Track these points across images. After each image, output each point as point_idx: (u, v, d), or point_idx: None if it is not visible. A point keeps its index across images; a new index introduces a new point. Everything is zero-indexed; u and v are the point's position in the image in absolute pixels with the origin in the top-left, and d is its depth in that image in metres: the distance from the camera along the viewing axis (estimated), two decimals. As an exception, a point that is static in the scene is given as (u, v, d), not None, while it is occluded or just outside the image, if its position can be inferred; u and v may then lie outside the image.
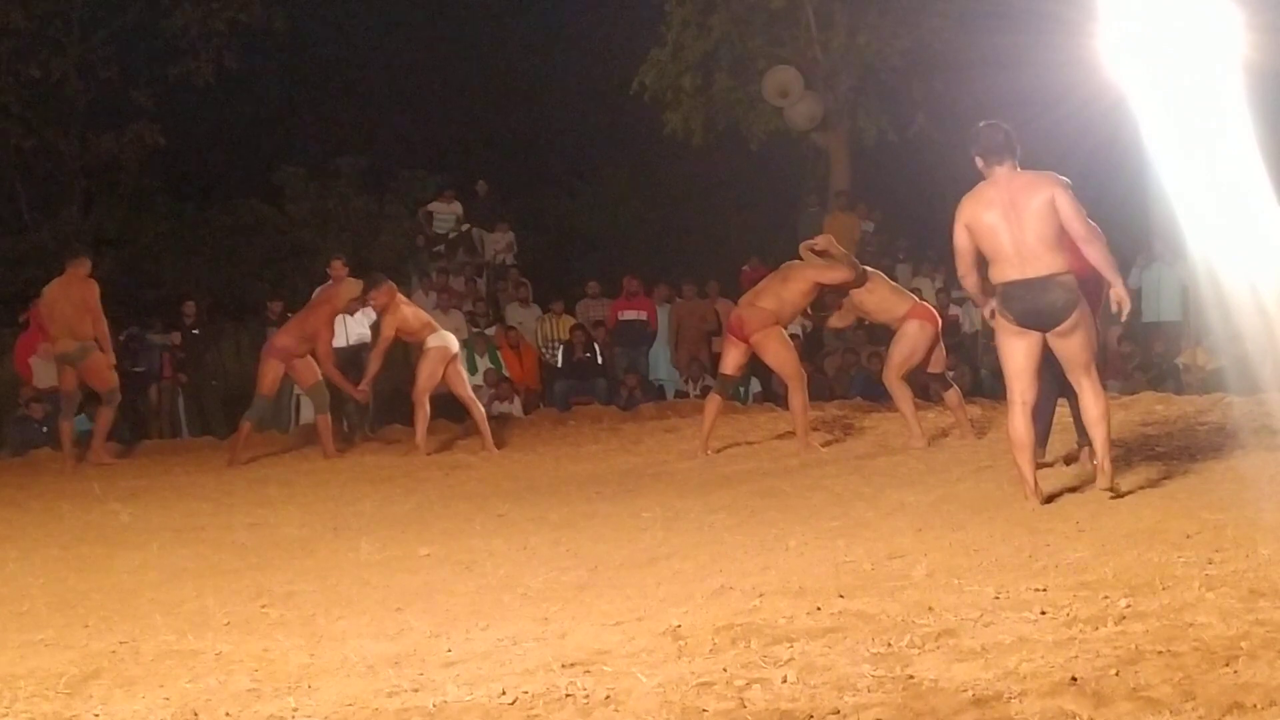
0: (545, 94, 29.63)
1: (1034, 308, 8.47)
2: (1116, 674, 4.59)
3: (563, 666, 5.19)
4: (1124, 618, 5.32)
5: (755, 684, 4.79)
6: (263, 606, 6.95)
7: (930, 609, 5.68)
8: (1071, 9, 16.48)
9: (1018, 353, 8.64)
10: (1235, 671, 4.55)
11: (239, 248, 25.16)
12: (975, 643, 5.11)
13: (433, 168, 26.03)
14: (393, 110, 30.11)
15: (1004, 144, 8.71)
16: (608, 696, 4.78)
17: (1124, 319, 9.39)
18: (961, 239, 8.72)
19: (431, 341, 14.86)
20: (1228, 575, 5.97)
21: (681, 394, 20.15)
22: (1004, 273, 8.53)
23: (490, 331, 20.54)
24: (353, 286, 15.40)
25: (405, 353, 16.72)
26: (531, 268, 23.68)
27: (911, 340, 12.92)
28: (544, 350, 20.83)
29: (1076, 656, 4.81)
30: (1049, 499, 8.69)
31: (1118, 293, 8.85)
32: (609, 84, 23.92)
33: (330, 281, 16.70)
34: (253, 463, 14.66)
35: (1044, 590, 5.91)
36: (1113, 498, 8.39)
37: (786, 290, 13.08)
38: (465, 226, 24.18)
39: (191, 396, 19.45)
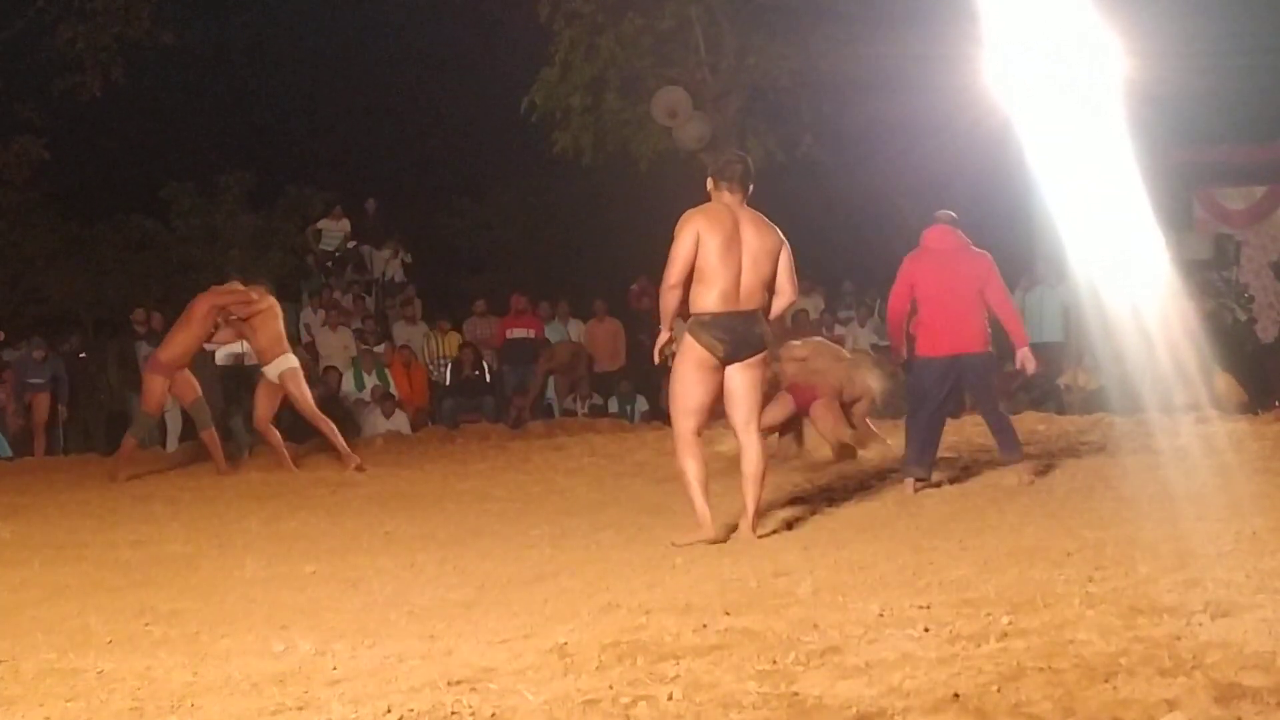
0: (434, 112, 29.57)
1: (742, 337, 8.50)
2: (998, 690, 4.62)
3: (449, 684, 5.16)
4: (1006, 635, 5.36)
5: (641, 701, 4.79)
6: (146, 624, 6.86)
7: (815, 626, 5.70)
8: (957, 34, 16.68)
9: (713, 386, 8.56)
10: (1115, 688, 4.59)
11: (125, 263, 24.89)
12: (859, 660, 5.13)
13: (321, 185, 25.87)
14: (281, 126, 29.94)
15: None
16: (493, 714, 4.76)
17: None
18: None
19: (285, 363, 14.81)
20: (1108, 593, 6.03)
21: (569, 412, 20.19)
22: (723, 304, 8.48)
23: (379, 349, 20.48)
24: (232, 285, 15.31)
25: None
26: (419, 285, 23.64)
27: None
28: (431, 368, 20.79)
29: (959, 673, 4.84)
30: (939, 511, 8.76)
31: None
32: (498, 102, 23.89)
33: None
34: (136, 480, 14.53)
35: (927, 607, 5.95)
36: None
37: None
38: (353, 244, 24.11)
39: (75, 413, 19.34)
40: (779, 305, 8.72)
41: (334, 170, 27.25)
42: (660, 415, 18.45)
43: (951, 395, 10.99)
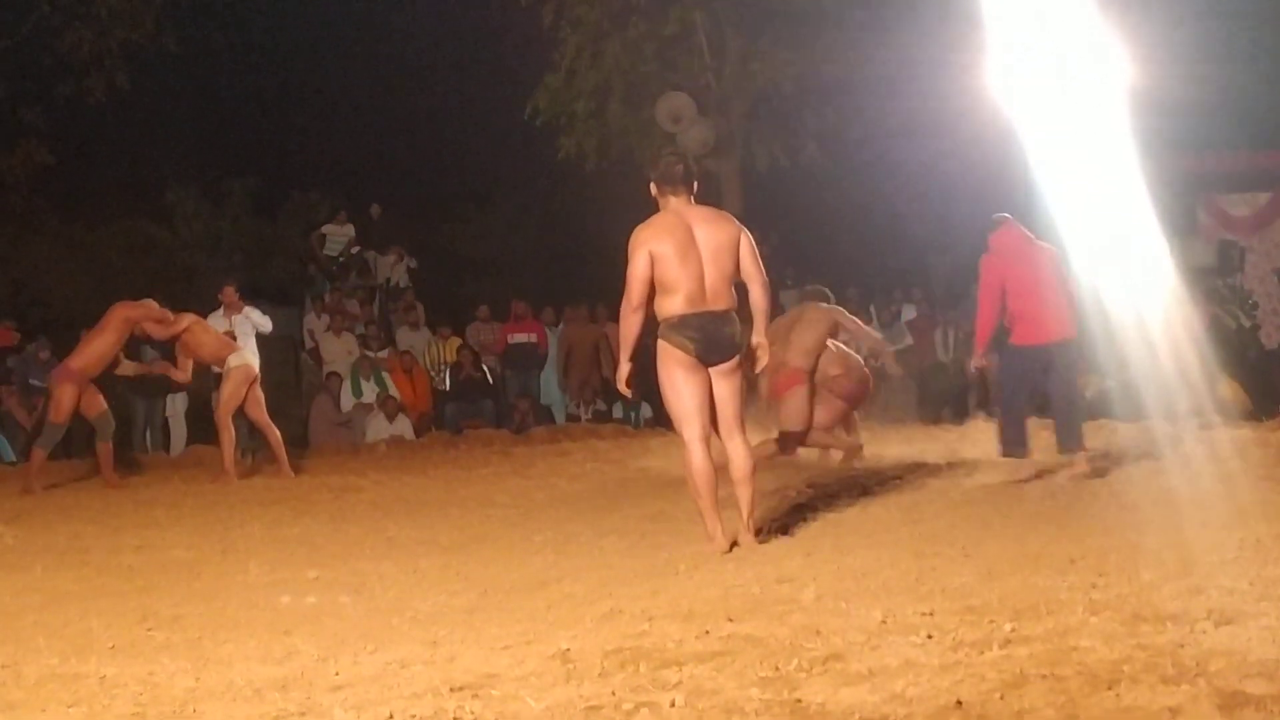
0: (439, 117, 29.54)
1: (712, 337, 8.47)
2: (1001, 698, 4.61)
3: (451, 690, 5.16)
4: (1009, 642, 5.35)
5: (644, 707, 4.78)
6: (148, 629, 6.87)
7: (818, 633, 5.69)
8: (961, 41, 16.68)
9: (702, 384, 8.51)
10: (1118, 695, 4.58)
11: (129, 268, 24.87)
12: (862, 666, 5.12)
13: (326, 190, 25.89)
14: (286, 132, 29.91)
15: None
16: (496, 720, 4.78)
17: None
18: None
19: (233, 361, 14.84)
20: (1111, 600, 6.02)
21: (573, 417, 20.20)
22: (689, 306, 8.49)
23: (382, 354, 20.49)
24: (151, 306, 15.21)
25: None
26: (423, 291, 23.64)
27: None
28: (433, 374, 20.80)
29: (962, 680, 4.83)
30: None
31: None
32: (503, 108, 23.88)
33: (222, 308, 16.58)
34: (139, 485, 14.54)
35: (930, 614, 5.93)
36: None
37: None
38: (357, 249, 24.12)
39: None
40: (756, 294, 8.61)
41: (338, 175, 27.27)
42: (664, 421, 18.46)
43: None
